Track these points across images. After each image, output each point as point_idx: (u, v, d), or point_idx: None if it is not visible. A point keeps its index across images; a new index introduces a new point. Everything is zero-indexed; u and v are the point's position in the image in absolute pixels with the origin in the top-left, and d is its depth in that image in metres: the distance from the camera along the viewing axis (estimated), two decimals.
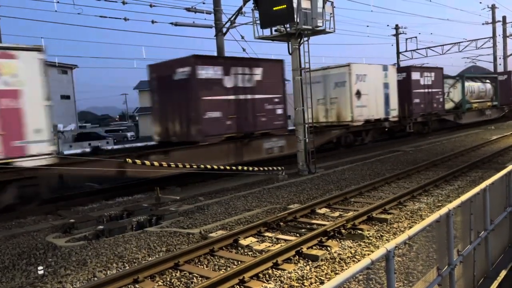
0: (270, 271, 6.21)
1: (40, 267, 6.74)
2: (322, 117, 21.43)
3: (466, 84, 30.96)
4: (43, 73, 10.87)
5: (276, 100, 16.71)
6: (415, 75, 25.23)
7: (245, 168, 13.38)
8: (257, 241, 7.58)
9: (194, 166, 12.56)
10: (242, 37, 19.28)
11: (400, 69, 25.45)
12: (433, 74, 26.91)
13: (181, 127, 14.60)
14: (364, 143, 21.71)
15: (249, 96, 15.71)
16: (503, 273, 5.59)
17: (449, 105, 30.23)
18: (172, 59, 14.80)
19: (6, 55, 10.37)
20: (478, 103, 32.53)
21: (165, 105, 15.39)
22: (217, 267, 6.57)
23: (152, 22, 19.10)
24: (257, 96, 15.94)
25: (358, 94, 20.64)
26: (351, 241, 7.40)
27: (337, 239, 7.53)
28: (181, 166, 12.39)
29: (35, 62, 10.77)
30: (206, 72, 14.34)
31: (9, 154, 10.29)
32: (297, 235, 7.90)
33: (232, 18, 18.81)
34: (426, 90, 25.99)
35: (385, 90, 22.28)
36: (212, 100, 14.39)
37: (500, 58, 41.62)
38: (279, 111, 16.86)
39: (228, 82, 15.04)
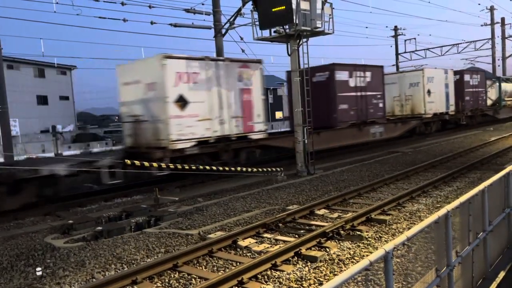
0: (268, 272, 6.21)
1: (38, 268, 6.73)
2: (398, 111, 26.79)
3: (502, 84, 36.57)
4: (261, 77, 16.26)
5: (378, 96, 21.85)
6: (466, 77, 30.23)
7: (244, 169, 13.38)
8: (256, 242, 7.57)
9: (193, 167, 12.55)
10: (241, 38, 19.30)
11: (454, 72, 29.80)
12: (478, 76, 32.24)
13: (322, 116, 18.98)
14: (431, 132, 26.72)
15: (363, 93, 20.75)
16: (501, 274, 5.59)
17: (487, 102, 35.00)
18: (312, 66, 17.54)
19: (245, 66, 15.73)
20: (511, 101, 38.56)
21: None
22: (215, 268, 6.56)
23: (151, 23, 19.11)
24: (368, 93, 21.00)
25: (429, 92, 25.77)
26: (350, 242, 7.40)
27: (336, 240, 7.52)
28: (180, 167, 12.39)
29: (258, 70, 16.12)
30: (340, 76, 19.53)
31: (246, 131, 15.70)
32: (296, 236, 7.89)
33: (231, 19, 18.82)
34: (474, 90, 31.15)
35: (446, 89, 27.42)
36: (343, 96, 19.65)
37: (499, 60, 41.76)
38: (381, 105, 22.00)
39: (352, 83, 20.16)
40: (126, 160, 11.66)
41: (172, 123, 13.26)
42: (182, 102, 13.61)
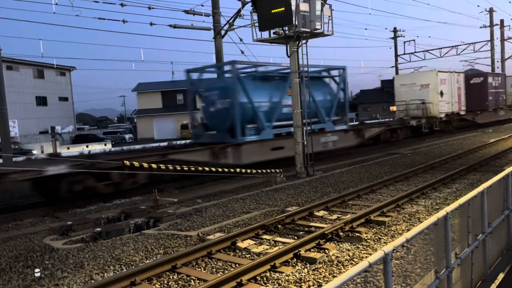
0: (267, 274, 6.20)
1: (37, 270, 6.71)
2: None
3: None
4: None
5: (502, 92, 35.48)
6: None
7: (243, 170, 13.37)
8: (255, 244, 7.56)
9: (192, 169, 12.54)
10: (241, 40, 19.32)
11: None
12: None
13: (479, 103, 32.32)
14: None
15: (497, 90, 34.37)
16: (500, 276, 5.59)
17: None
18: (472, 72, 27.55)
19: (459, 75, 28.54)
20: None
21: None
22: (214, 269, 6.55)
23: (151, 24, 19.12)
24: (499, 90, 34.76)
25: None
26: (349, 243, 7.40)
27: (335, 242, 7.52)
28: (179, 168, 12.38)
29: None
30: (491, 80, 33.01)
31: (458, 109, 28.93)
32: (295, 237, 7.89)
33: (230, 21, 18.84)
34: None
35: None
36: (490, 91, 32.67)
37: (498, 61, 41.77)
38: (503, 97, 35.70)
39: (493, 83, 33.22)
40: (125, 161, 11.64)
41: (439, 104, 27.21)
42: (441, 93, 27.42)
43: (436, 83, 27.01)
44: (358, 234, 7.81)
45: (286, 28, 14.30)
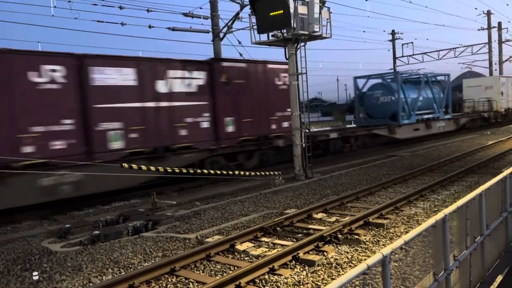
0: (266, 277, 6.20)
1: (35, 273, 6.70)
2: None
3: None
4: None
5: None
6: None
7: (242, 173, 13.37)
8: (254, 246, 7.56)
9: (191, 171, 12.53)
10: (239, 42, 19.34)
11: None
12: None
13: None
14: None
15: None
16: (499, 278, 5.59)
17: None
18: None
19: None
20: None
21: None
22: (213, 272, 6.55)
23: (149, 27, 19.13)
24: None
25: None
26: (347, 246, 7.40)
27: (334, 244, 7.52)
28: (178, 171, 12.37)
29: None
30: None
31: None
32: (294, 240, 7.89)
33: (229, 23, 18.86)
34: None
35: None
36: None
37: (495, 64, 41.88)
38: None
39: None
40: (124, 164, 11.62)
41: (501, 101, 34.16)
42: (501, 93, 34.12)
43: (498, 85, 34.61)
44: (357, 237, 7.82)
45: (285, 30, 14.32)
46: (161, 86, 13.74)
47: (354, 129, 23.10)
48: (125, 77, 12.77)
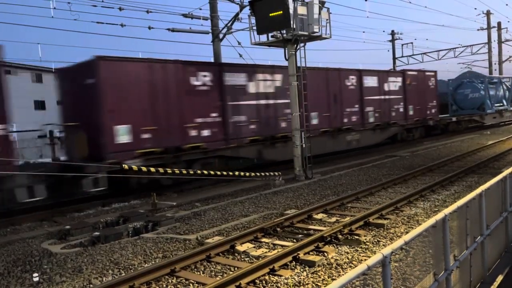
0: (266, 277, 6.20)
1: (35, 274, 6.69)
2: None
3: None
4: None
5: None
6: None
7: (242, 173, 13.37)
8: (254, 247, 7.56)
9: (191, 172, 12.53)
10: (239, 43, 19.36)
11: None
12: None
13: None
14: None
15: None
16: (499, 278, 5.59)
17: None
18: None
19: None
20: None
21: None
22: (213, 273, 6.54)
23: (149, 28, 19.15)
24: None
25: None
26: (348, 246, 7.40)
27: (334, 245, 7.52)
28: (178, 172, 12.37)
29: None
30: None
31: None
32: (294, 240, 7.89)
33: (228, 24, 18.89)
34: None
35: None
36: None
37: (495, 64, 41.96)
38: None
39: None
40: (124, 165, 11.63)
41: None
42: None
43: None
44: (357, 237, 7.82)
45: (284, 31, 14.33)
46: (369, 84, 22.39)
47: (463, 116, 31.95)
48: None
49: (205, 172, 12.84)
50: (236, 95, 15.66)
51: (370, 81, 21.99)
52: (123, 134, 12.35)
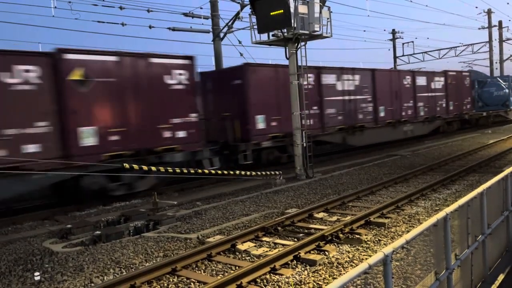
0: (267, 276, 6.20)
1: (36, 273, 6.71)
2: None
3: None
4: None
5: None
6: None
7: (243, 172, 13.37)
8: (255, 246, 7.56)
9: (191, 171, 12.53)
10: (240, 42, 19.36)
11: None
12: None
13: None
14: None
15: None
16: (501, 277, 5.59)
17: None
18: None
19: None
20: None
21: None
22: (214, 272, 6.55)
23: (150, 27, 19.15)
24: None
25: None
26: (349, 245, 7.40)
27: (335, 244, 7.52)
28: (179, 171, 12.37)
29: None
30: None
31: None
32: (295, 239, 7.89)
33: (229, 23, 18.89)
34: None
35: None
36: None
37: (496, 63, 41.86)
38: None
39: None
40: (124, 164, 11.63)
41: None
42: None
43: None
44: (358, 236, 7.81)
45: (285, 30, 14.32)
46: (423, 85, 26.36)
47: (491, 111, 34.70)
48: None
49: (206, 171, 12.84)
50: (329, 92, 19.19)
51: (421, 81, 25.84)
52: (261, 122, 16.35)
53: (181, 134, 13.71)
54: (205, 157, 14.50)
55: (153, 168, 11.93)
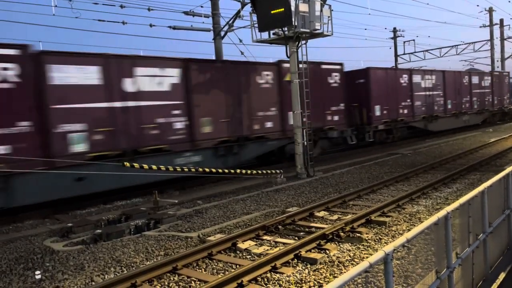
0: (268, 275, 6.20)
1: (37, 272, 6.71)
2: None
3: None
4: None
5: None
6: None
7: (244, 171, 13.36)
8: (256, 245, 7.56)
9: (192, 170, 12.53)
10: (240, 41, 19.32)
11: None
12: None
13: None
14: None
15: None
16: (502, 276, 5.58)
17: None
18: None
19: None
20: None
21: None
22: (215, 271, 6.55)
23: (150, 25, 19.11)
24: None
25: None
26: (349, 244, 7.39)
27: (336, 242, 7.51)
28: (180, 169, 12.37)
29: None
30: None
31: None
32: (296, 238, 7.89)
33: (230, 22, 18.84)
34: None
35: None
36: None
37: (497, 61, 41.73)
38: None
39: None
40: (125, 163, 11.63)
41: None
42: None
43: None
44: (359, 235, 7.81)
45: (286, 28, 14.29)
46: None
47: None
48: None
49: (207, 170, 12.84)
50: (417, 88, 25.09)
51: (475, 80, 31.65)
52: (377, 111, 21.95)
53: (336, 117, 19.37)
54: (348, 134, 19.84)
55: (154, 167, 11.93)
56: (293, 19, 13.70)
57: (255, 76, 16.29)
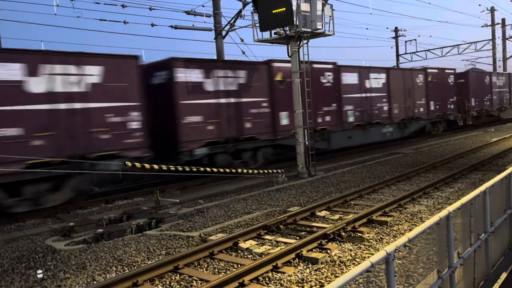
0: (270, 274, 6.20)
1: (39, 271, 6.72)
2: None
3: None
4: None
5: None
6: None
7: (245, 170, 13.37)
8: (257, 244, 7.56)
9: (194, 169, 12.54)
10: (242, 40, 19.33)
11: None
12: None
13: None
14: None
15: None
16: (503, 276, 5.57)
17: None
18: None
19: None
20: None
21: None
22: (216, 270, 6.55)
23: (152, 25, 19.13)
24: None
25: None
26: (351, 244, 7.39)
27: (337, 242, 7.51)
28: (181, 169, 12.38)
29: None
30: None
31: None
32: (297, 238, 7.89)
33: (231, 21, 18.85)
34: None
35: None
36: None
37: (499, 61, 41.67)
38: None
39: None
40: (127, 162, 11.65)
41: None
42: None
43: None
44: (360, 234, 7.81)
45: (287, 28, 14.29)
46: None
47: None
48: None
49: (208, 169, 12.84)
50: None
51: (495, 80, 35.44)
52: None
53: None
54: (458, 118, 28.13)
55: (155, 167, 11.94)
56: (294, 19, 13.69)
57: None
